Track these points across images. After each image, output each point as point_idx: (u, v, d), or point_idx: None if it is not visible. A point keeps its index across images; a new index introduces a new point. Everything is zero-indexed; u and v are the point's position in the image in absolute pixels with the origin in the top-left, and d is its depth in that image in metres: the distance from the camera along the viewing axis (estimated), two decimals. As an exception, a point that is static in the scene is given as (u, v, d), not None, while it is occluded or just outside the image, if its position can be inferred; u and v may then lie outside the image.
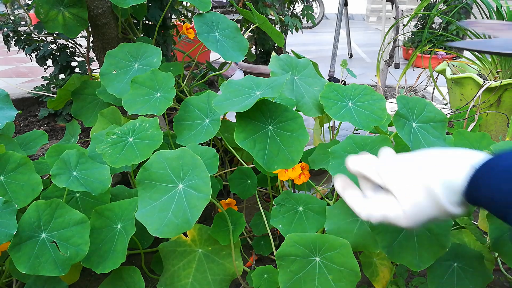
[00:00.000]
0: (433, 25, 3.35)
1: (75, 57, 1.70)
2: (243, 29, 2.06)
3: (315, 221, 0.80)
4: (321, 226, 0.79)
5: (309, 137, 0.77)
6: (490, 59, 1.65)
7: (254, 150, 0.74)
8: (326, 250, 0.70)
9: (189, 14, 1.96)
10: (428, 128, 0.75)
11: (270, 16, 2.00)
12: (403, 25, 2.40)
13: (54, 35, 1.59)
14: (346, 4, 3.06)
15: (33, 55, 1.68)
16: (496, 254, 0.85)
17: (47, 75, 1.76)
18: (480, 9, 1.62)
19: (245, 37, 1.13)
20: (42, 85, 1.77)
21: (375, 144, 0.77)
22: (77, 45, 1.64)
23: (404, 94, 1.90)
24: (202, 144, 0.92)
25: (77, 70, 1.72)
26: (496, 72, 1.59)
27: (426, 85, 2.06)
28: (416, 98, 0.77)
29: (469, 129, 1.33)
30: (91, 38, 1.28)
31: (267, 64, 0.94)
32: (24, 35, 1.65)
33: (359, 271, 0.69)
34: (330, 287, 0.68)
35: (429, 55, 1.94)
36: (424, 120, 0.76)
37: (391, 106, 1.57)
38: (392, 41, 2.00)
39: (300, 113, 0.88)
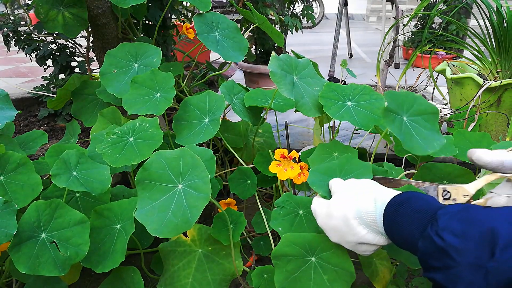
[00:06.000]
0: (433, 25, 3.35)
1: (75, 57, 1.70)
2: (243, 29, 2.05)
3: (315, 226, 0.79)
4: (319, 230, 0.78)
5: None
6: (490, 59, 1.65)
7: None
8: (321, 250, 0.70)
9: (189, 14, 1.96)
10: (419, 120, 0.74)
11: (270, 16, 2.00)
12: (403, 25, 2.40)
13: (54, 35, 1.59)
14: (346, 4, 3.06)
15: (33, 55, 1.68)
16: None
17: (47, 75, 1.76)
18: (480, 9, 1.62)
19: (245, 37, 1.13)
20: (42, 85, 1.77)
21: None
22: (77, 45, 1.64)
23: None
24: (202, 144, 0.92)
25: (77, 70, 1.72)
26: (496, 72, 1.58)
27: (426, 85, 2.06)
28: (405, 92, 0.77)
29: (469, 129, 1.33)
30: (91, 38, 1.28)
31: (267, 64, 0.94)
32: (24, 35, 1.65)
33: (354, 271, 0.69)
34: (325, 287, 0.68)
35: (429, 55, 1.94)
36: (415, 113, 0.75)
37: (391, 106, 1.57)
38: (392, 41, 1.99)
39: (300, 113, 0.88)
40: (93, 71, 1.53)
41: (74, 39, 1.58)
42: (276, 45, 2.20)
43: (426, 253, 0.45)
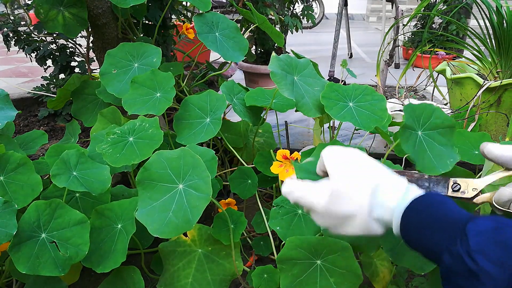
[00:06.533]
0: (433, 25, 3.35)
1: (75, 57, 1.70)
2: (243, 29, 2.05)
3: (313, 225, 0.79)
4: (319, 231, 0.78)
5: None
6: (490, 59, 1.64)
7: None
8: (327, 253, 0.69)
9: (189, 14, 1.96)
10: (434, 135, 0.72)
11: (270, 16, 2.00)
12: (403, 25, 2.40)
13: (54, 35, 1.59)
14: (346, 4, 3.06)
15: (33, 55, 1.68)
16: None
17: (47, 75, 1.75)
18: (480, 9, 1.62)
19: (245, 37, 1.13)
20: (42, 85, 1.77)
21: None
22: (77, 45, 1.64)
23: (404, 94, 1.90)
24: (202, 144, 0.91)
25: (77, 70, 1.72)
26: (496, 72, 1.58)
27: (426, 85, 2.06)
28: (423, 104, 0.74)
29: (469, 129, 1.33)
30: (91, 38, 1.28)
31: (267, 64, 0.94)
32: (24, 35, 1.65)
33: (361, 273, 0.68)
34: (331, 289, 0.68)
35: (429, 55, 1.94)
36: (431, 127, 0.71)
37: (391, 106, 1.57)
38: (392, 41, 2.00)
39: (300, 113, 0.88)
40: (93, 71, 1.53)
41: (74, 39, 1.58)
42: (276, 45, 2.20)
43: (452, 270, 0.43)
